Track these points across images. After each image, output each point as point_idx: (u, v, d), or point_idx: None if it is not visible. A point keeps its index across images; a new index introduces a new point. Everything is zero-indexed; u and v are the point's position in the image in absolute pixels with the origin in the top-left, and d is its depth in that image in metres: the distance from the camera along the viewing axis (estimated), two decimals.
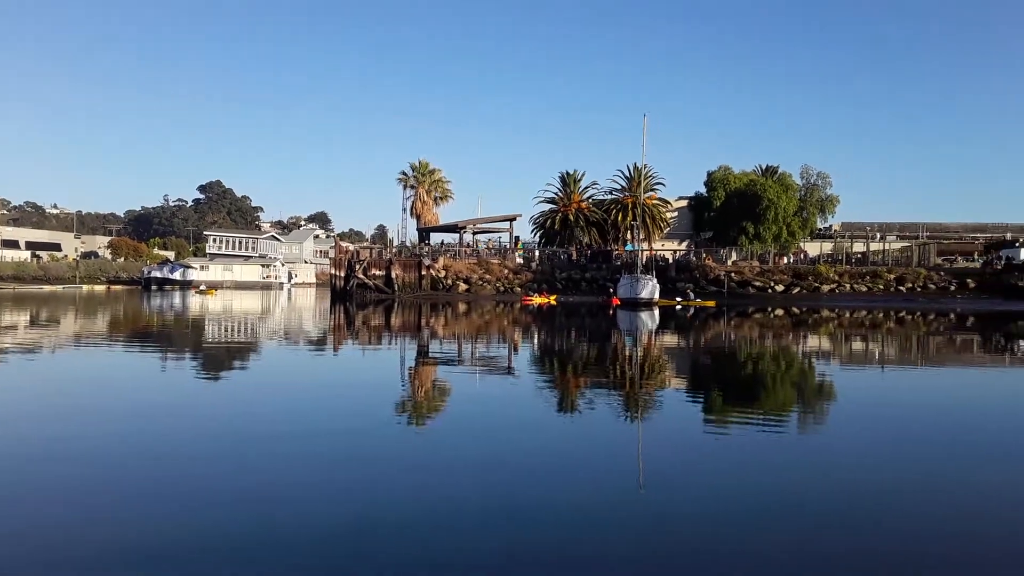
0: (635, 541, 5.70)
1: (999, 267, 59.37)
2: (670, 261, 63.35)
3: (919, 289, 57.64)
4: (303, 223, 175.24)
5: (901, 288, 58.01)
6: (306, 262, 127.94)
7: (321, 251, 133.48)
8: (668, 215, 72.05)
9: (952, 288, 57.12)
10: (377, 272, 62.24)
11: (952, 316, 40.12)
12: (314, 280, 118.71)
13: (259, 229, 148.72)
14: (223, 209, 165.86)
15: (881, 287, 58.23)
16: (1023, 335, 29.09)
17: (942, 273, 59.53)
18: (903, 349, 24.30)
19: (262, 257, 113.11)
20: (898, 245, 70.11)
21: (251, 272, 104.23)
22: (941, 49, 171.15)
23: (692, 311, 44.71)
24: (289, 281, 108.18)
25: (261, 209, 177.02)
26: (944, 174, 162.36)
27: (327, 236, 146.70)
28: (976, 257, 67.18)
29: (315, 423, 10.22)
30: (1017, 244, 64.62)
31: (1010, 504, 6.81)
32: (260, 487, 7.00)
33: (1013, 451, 9.17)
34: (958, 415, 11.81)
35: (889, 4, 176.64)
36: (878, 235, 73.02)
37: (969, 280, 57.77)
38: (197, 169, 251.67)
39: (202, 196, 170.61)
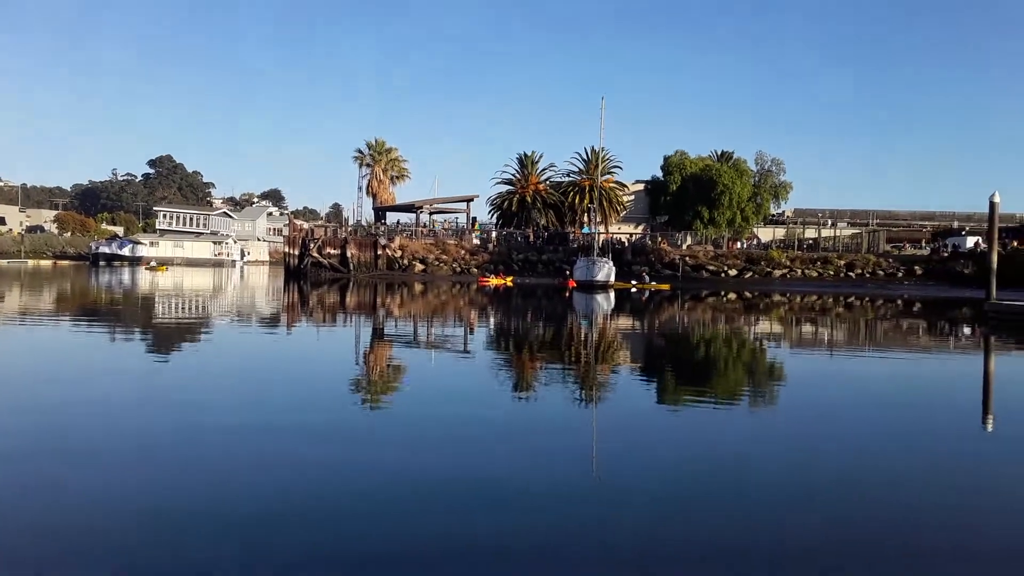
0: (586, 524, 5.69)
1: (945, 255, 60.81)
2: (626, 244, 63.69)
3: (868, 275, 58.82)
4: (256, 200, 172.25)
5: (851, 274, 59.14)
6: (259, 239, 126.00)
7: (275, 229, 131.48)
8: (625, 198, 72.35)
9: (900, 275, 58.38)
10: (332, 251, 61.55)
11: (899, 302, 41.03)
12: (267, 258, 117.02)
13: (211, 205, 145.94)
14: (173, 184, 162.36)
15: (831, 273, 59.30)
16: (967, 321, 29.87)
17: (891, 260, 60.80)
18: (851, 334, 24.77)
19: (214, 234, 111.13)
20: (849, 231, 71.40)
21: (202, 249, 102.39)
22: (893, 39, 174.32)
23: (647, 294, 45.07)
24: (241, 259, 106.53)
25: (213, 185, 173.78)
26: (895, 162, 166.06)
27: (281, 214, 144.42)
28: (924, 244, 68.69)
29: (263, 406, 10.04)
30: (963, 232, 66.23)
31: (940, 474, 6.96)
32: (206, 469, 6.84)
33: (948, 430, 9.39)
34: (900, 397, 12.05)
35: None
36: (830, 221, 74.27)
37: (917, 267, 59.09)
38: (147, 143, 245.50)
39: (152, 171, 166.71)
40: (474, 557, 5.03)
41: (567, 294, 42.75)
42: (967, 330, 26.73)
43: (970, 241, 61.29)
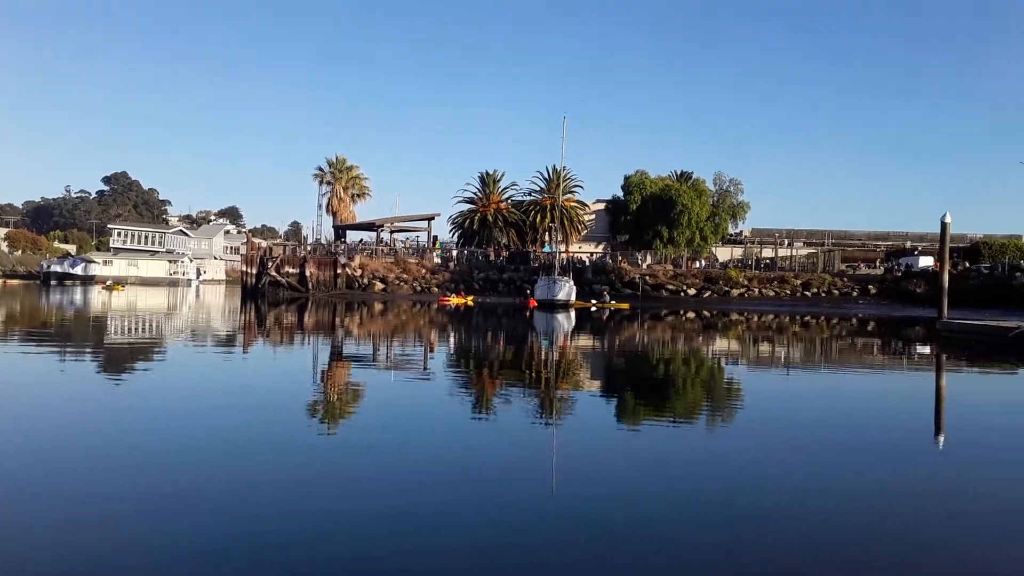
0: (545, 545, 5.59)
1: (899, 274, 62.08)
2: (587, 263, 64.01)
3: (824, 294, 59.78)
4: (213, 218, 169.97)
5: (807, 293, 60.07)
6: (216, 258, 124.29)
7: (232, 247, 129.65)
8: (586, 218, 72.84)
9: (855, 294, 59.44)
10: (291, 270, 60.90)
11: (854, 321, 41.72)
12: (224, 277, 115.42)
13: (166, 223, 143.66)
14: (129, 202, 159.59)
15: (788, 292, 60.18)
16: (919, 340, 30.43)
17: (846, 279, 61.89)
18: (807, 352, 25.07)
19: (169, 252, 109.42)
20: (805, 251, 72.59)
21: (157, 268, 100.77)
22: (850, 63, 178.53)
23: (607, 313, 45.25)
24: (198, 277, 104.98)
25: (169, 203, 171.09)
26: (850, 183, 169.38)
27: (238, 232, 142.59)
28: (878, 264, 70.10)
29: (214, 428, 9.78)
30: (916, 252, 67.72)
31: (897, 494, 7.01)
32: (151, 495, 6.61)
33: (901, 448, 9.49)
34: (854, 415, 12.17)
35: (801, 14, 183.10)
36: (786, 241, 75.45)
37: (871, 286, 60.21)
38: (102, 160, 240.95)
39: (106, 188, 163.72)
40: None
41: (528, 313, 42.73)
42: (920, 348, 27.22)
43: (923, 261, 62.61)
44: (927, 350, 26.13)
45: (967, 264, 62.35)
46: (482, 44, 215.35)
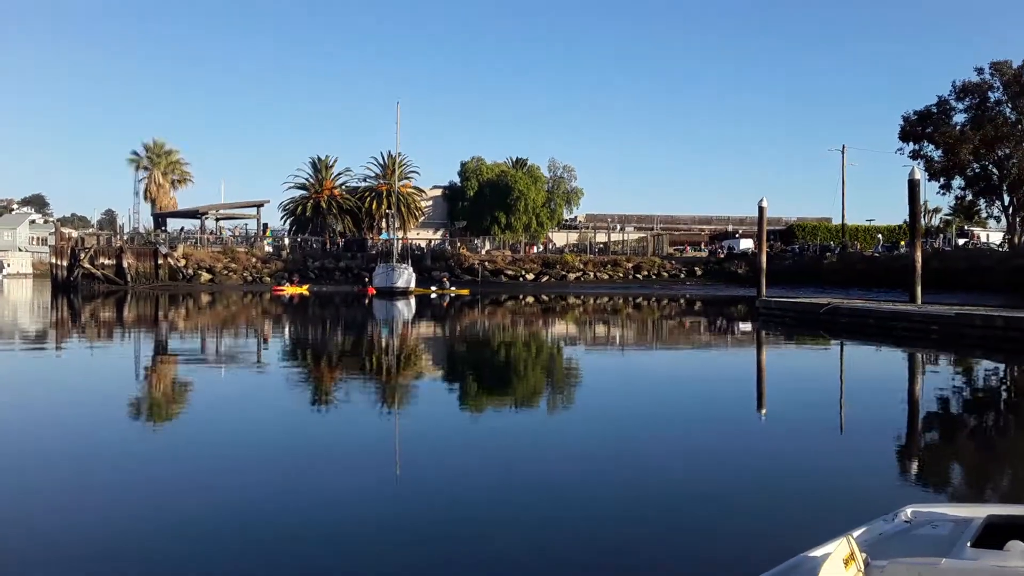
0: (391, 537, 5.38)
1: (722, 256, 65.90)
2: (426, 250, 63.69)
3: (655, 276, 62.53)
4: (16, 207, 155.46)
5: (639, 276, 62.62)
6: (21, 250, 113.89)
7: (39, 238, 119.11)
8: (423, 204, 72.37)
9: (683, 275, 62.55)
10: (106, 261, 56.62)
11: (683, 301, 43.89)
12: (31, 270, 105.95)
13: None
14: None
15: (621, 275, 62.49)
16: (741, 317, 32.39)
17: (674, 262, 65.00)
18: (640, 332, 26.08)
19: None
20: (636, 236, 75.55)
21: None
22: (672, 48, 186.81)
23: (448, 299, 45.23)
24: (1, 271, 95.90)
25: None
26: (675, 169, 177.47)
27: (46, 221, 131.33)
28: (703, 247, 74.02)
29: (30, 439, 8.82)
30: (737, 235, 72.00)
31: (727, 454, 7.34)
32: None
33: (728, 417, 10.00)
34: (685, 388, 12.72)
35: (623, 1, 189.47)
36: (618, 226, 78.18)
37: (697, 268, 63.56)
38: None
39: None
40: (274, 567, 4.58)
41: (367, 301, 41.98)
42: (742, 325, 28.97)
43: (744, 243, 66.68)
44: (748, 327, 27.85)
45: (783, 245, 67.09)
46: (313, 25, 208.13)
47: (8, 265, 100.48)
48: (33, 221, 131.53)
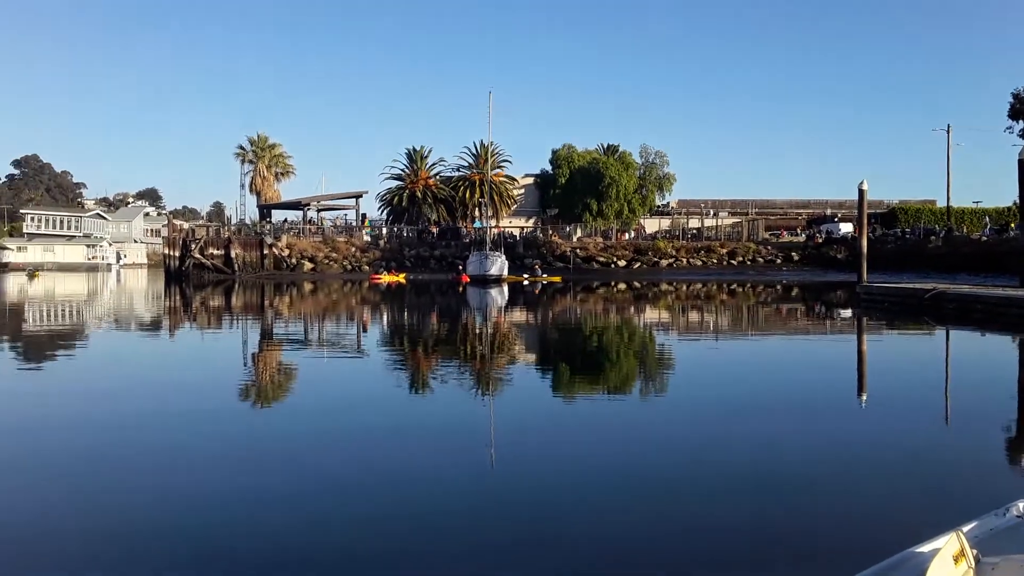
0: (485, 521, 5.58)
1: (820, 241, 63.89)
2: (518, 238, 64.05)
3: (749, 262, 61.21)
4: (132, 200, 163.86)
5: (733, 262, 61.39)
6: (136, 241, 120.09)
7: (153, 230, 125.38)
8: (515, 192, 72.76)
9: (779, 261, 61.02)
10: (215, 251, 59.25)
11: (779, 287, 42.87)
12: (146, 260, 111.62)
13: (82, 207, 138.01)
14: (41, 185, 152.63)
15: (715, 261, 61.40)
16: (841, 303, 31.44)
17: (769, 247, 63.47)
18: (735, 319, 25.66)
19: (87, 237, 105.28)
20: (730, 221, 74.00)
21: (75, 253, 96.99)
22: (767, 31, 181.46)
23: (540, 287, 45.46)
24: (118, 262, 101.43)
25: (84, 185, 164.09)
26: (772, 153, 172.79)
27: (159, 214, 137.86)
28: (800, 232, 71.90)
29: (150, 416, 9.45)
30: (836, 219, 69.63)
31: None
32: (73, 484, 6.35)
33: (828, 407, 9.80)
34: (784, 376, 12.51)
35: None
36: (712, 211, 76.73)
37: (794, 253, 61.90)
38: (10, 142, 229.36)
39: (17, 171, 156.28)
40: (371, 555, 4.85)
41: (461, 289, 42.62)
42: (842, 312, 28.13)
43: (843, 227, 64.49)
44: (848, 313, 27.02)
45: (884, 229, 64.58)
46: (405, 18, 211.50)
47: (125, 256, 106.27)
48: (147, 214, 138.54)
